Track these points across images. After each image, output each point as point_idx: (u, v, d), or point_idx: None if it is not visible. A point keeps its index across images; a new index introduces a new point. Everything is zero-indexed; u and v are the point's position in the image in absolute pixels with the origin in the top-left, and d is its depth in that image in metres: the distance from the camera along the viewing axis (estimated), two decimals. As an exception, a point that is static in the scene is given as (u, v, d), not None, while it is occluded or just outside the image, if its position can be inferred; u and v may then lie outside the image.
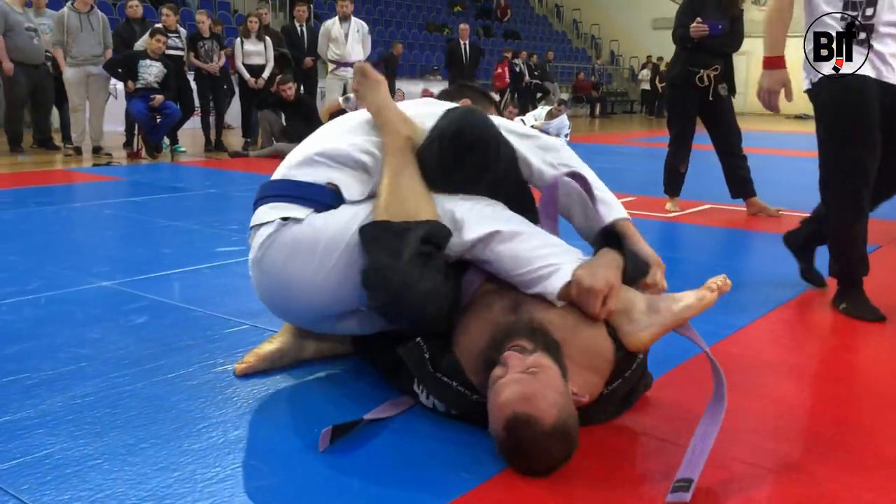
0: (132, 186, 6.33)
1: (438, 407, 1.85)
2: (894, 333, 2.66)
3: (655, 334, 1.80)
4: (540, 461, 1.58)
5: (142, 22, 9.03)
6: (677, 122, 5.08)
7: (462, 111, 1.99)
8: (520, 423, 1.54)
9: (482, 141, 1.92)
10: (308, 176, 1.99)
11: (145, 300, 2.88)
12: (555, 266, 1.82)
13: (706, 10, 4.78)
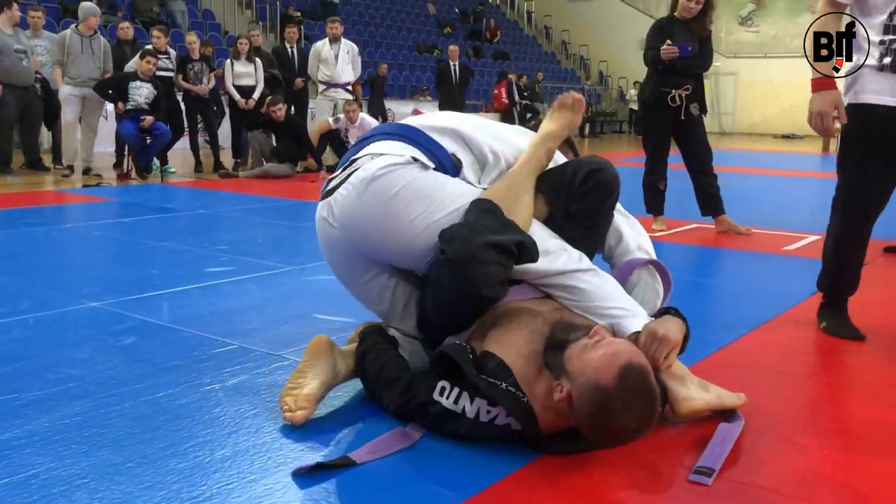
0: (122, 207, 6.34)
1: (468, 411, 1.82)
2: (872, 352, 2.70)
3: (702, 409, 1.96)
4: (649, 410, 1.66)
5: (133, 44, 9.08)
6: (651, 141, 5.19)
7: (599, 159, 2.17)
8: (636, 371, 1.65)
9: (609, 188, 2.12)
10: (441, 140, 2.11)
11: (134, 321, 2.90)
12: (631, 312, 2.01)
13: (675, 32, 4.90)
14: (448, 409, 1.84)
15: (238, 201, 6.55)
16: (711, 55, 5.11)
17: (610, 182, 2.12)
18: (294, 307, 3.13)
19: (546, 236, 2.05)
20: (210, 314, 3.00)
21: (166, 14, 14.45)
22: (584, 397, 1.66)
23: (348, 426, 1.99)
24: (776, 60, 22.41)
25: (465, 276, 1.83)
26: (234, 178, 8.58)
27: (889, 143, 2.62)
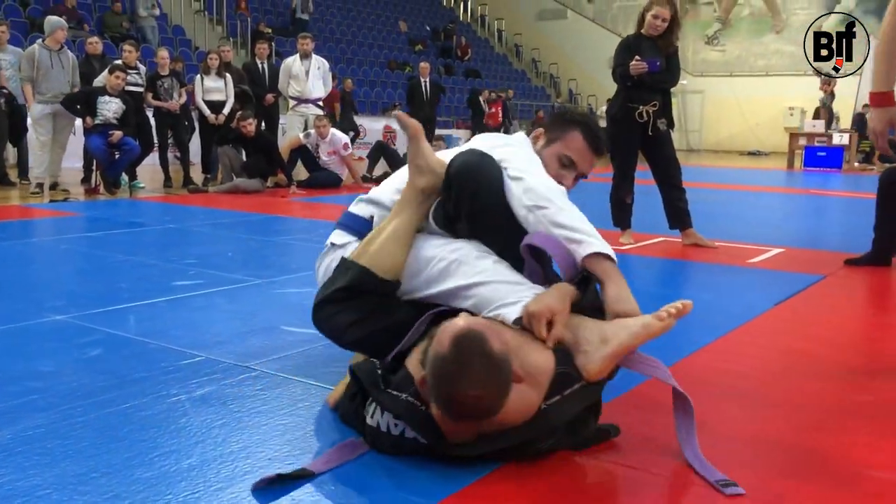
0: (89, 222, 6.29)
1: (381, 425, 1.84)
2: (842, 361, 2.75)
3: (605, 365, 1.82)
4: (486, 375, 1.63)
5: (101, 59, 9.04)
6: (619, 156, 5.25)
7: (460, 159, 2.11)
8: (469, 336, 1.65)
9: (461, 174, 2.08)
10: (357, 209, 2.33)
11: (100, 333, 2.88)
12: (513, 301, 1.96)
13: (642, 48, 4.99)
14: (371, 426, 1.87)
15: (207, 216, 6.52)
16: (678, 70, 5.19)
17: (459, 167, 2.07)
18: (262, 319, 3.12)
19: (439, 255, 2.07)
20: (177, 327, 2.99)
21: (136, 29, 14.39)
22: (429, 373, 1.68)
23: (318, 437, 1.99)
24: (741, 79, 22.81)
25: (326, 332, 2.16)
26: (204, 193, 8.54)
27: None
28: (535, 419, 1.76)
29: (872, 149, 15.83)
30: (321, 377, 2.41)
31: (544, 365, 1.80)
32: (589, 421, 1.88)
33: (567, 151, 2.24)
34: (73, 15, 13.12)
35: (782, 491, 1.72)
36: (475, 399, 1.64)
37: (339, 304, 2.07)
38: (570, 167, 2.25)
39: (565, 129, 2.27)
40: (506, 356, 1.68)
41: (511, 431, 1.75)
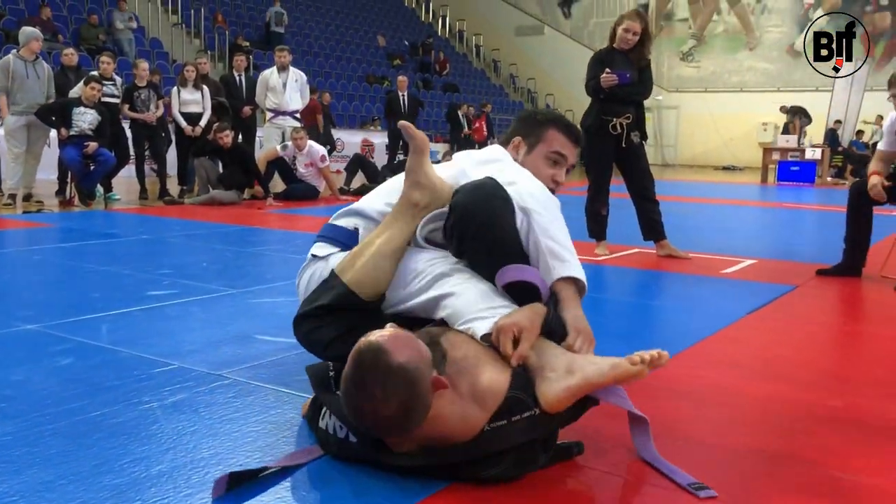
0: (63, 233, 6.23)
1: (329, 428, 1.84)
2: (813, 368, 2.79)
3: (563, 396, 1.73)
4: (371, 393, 1.59)
5: (77, 70, 8.98)
6: (594, 168, 5.30)
7: (469, 191, 2.00)
8: (369, 349, 1.62)
9: (461, 207, 1.98)
10: (340, 222, 2.28)
11: (71, 342, 2.85)
12: (485, 316, 1.88)
13: (614, 62, 5.05)
14: (321, 428, 1.87)
15: (183, 227, 6.48)
16: (651, 83, 5.25)
17: (461, 201, 1.98)
18: (236, 328, 3.10)
19: (421, 268, 2.02)
20: (150, 336, 2.96)
21: (112, 42, 14.32)
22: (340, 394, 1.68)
23: (290, 443, 1.98)
24: (716, 95, 23.09)
25: (308, 349, 2.11)
26: (180, 204, 8.49)
27: None
28: (476, 440, 1.70)
29: (844, 163, 16.09)
30: (294, 385, 2.40)
31: (496, 386, 1.73)
32: (538, 458, 1.76)
33: (556, 147, 2.30)
34: (49, 26, 13.04)
35: (753, 495, 1.73)
36: (373, 412, 1.61)
37: (321, 319, 2.03)
38: (561, 163, 2.31)
39: (542, 129, 2.32)
40: (412, 368, 1.61)
41: (452, 448, 1.70)
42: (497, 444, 1.70)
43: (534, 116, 2.39)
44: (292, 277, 4.18)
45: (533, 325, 1.82)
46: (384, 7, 25.32)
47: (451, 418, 1.68)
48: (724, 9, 23.40)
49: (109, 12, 15.03)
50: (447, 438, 1.70)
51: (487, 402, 1.71)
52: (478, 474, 1.72)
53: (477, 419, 1.70)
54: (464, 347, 1.82)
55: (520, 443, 1.72)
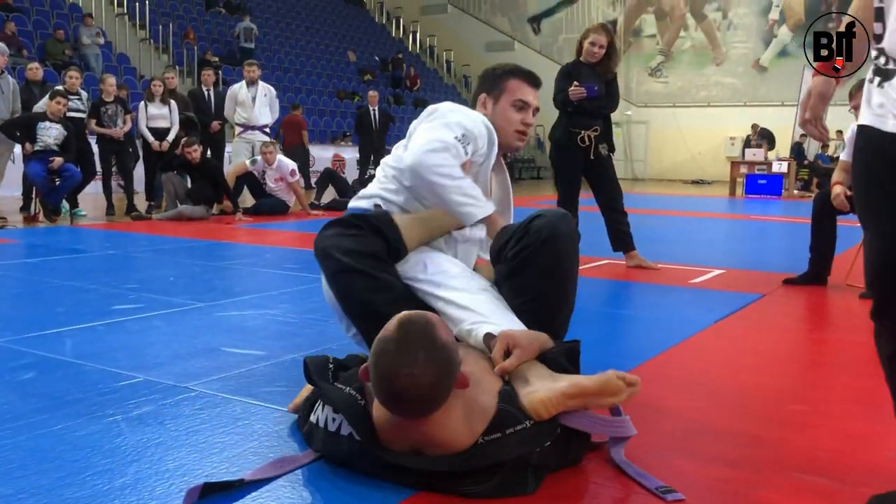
0: (27, 248, 6.13)
1: (320, 420, 1.83)
2: (780, 374, 2.81)
3: (553, 396, 1.76)
4: (415, 359, 1.59)
5: (42, 85, 8.88)
6: (563, 181, 5.33)
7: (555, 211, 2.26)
8: (420, 318, 1.66)
9: (543, 230, 2.15)
10: (362, 203, 2.44)
11: (33, 356, 2.79)
12: (494, 323, 2.02)
13: (582, 75, 5.09)
14: (311, 422, 1.87)
15: (150, 242, 6.40)
16: (618, 96, 5.30)
17: (545, 226, 2.12)
18: (202, 342, 3.06)
19: (440, 259, 2.24)
20: (115, 349, 2.92)
21: (79, 57, 14.18)
22: (372, 352, 1.66)
23: (257, 454, 1.95)
24: (684, 110, 23.35)
25: (319, 253, 2.21)
26: (148, 220, 8.40)
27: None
28: (469, 451, 1.69)
29: (810, 176, 16.34)
30: (261, 396, 2.37)
31: (486, 408, 1.74)
32: (527, 482, 1.73)
33: (518, 95, 2.48)
34: (14, 41, 12.88)
35: (718, 499, 1.74)
36: (409, 379, 1.58)
37: (351, 229, 2.16)
38: (525, 107, 2.50)
39: (502, 81, 2.52)
40: (451, 347, 1.66)
41: (445, 456, 1.69)
42: (491, 457, 1.69)
43: (492, 72, 2.58)
44: (261, 291, 4.16)
45: (530, 345, 1.91)
46: (355, 23, 25.35)
47: (450, 427, 1.69)
48: (692, 25, 23.73)
49: (76, 27, 14.89)
50: (436, 446, 1.69)
51: (475, 422, 1.71)
52: (462, 490, 1.69)
53: (466, 438, 1.69)
54: (471, 364, 1.85)
55: (514, 457, 1.69)
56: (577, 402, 1.79)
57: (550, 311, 2.17)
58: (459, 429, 1.69)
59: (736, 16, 22.89)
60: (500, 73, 2.54)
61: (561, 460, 1.82)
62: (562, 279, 2.16)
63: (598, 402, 1.82)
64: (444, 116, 2.36)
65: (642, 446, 2.01)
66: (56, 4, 15.78)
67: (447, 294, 2.14)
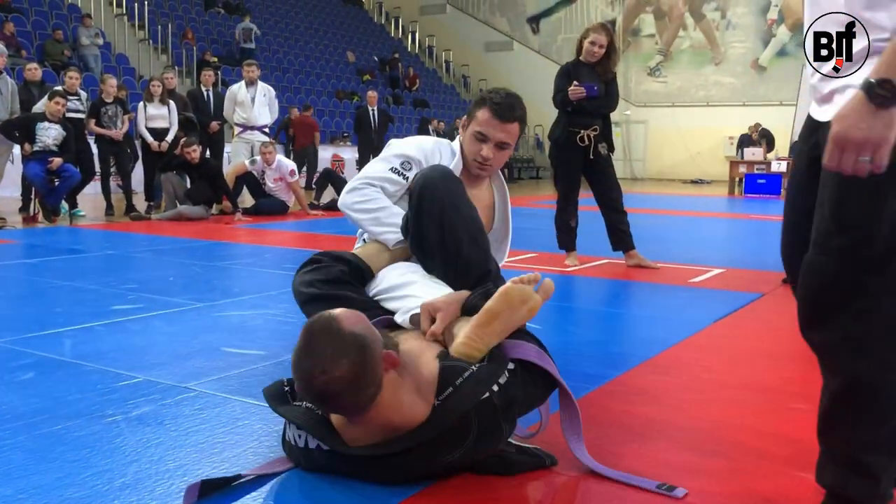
0: (27, 249, 6.13)
1: (291, 439, 1.83)
2: (779, 372, 2.81)
3: (467, 339, 1.81)
4: (322, 358, 1.59)
5: (40, 85, 8.87)
6: (563, 180, 5.32)
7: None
8: (320, 317, 1.66)
9: (418, 187, 2.26)
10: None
11: (33, 357, 2.79)
12: (412, 305, 2.09)
13: (581, 75, 5.09)
14: (287, 441, 1.87)
15: (149, 242, 6.40)
16: (617, 96, 5.30)
17: (420, 182, 2.23)
18: (202, 341, 3.06)
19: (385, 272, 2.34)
20: (115, 349, 2.92)
21: (78, 58, 14.17)
22: (292, 369, 1.68)
23: (257, 454, 1.95)
24: (683, 109, 23.35)
25: (295, 288, 2.34)
26: (147, 220, 8.39)
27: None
28: (430, 418, 1.70)
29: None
30: (261, 396, 2.34)
31: (429, 375, 1.75)
32: (501, 429, 1.74)
33: (477, 127, 2.50)
34: (12, 42, 12.87)
35: (719, 496, 1.74)
36: (324, 376, 1.59)
37: (312, 265, 2.31)
38: (485, 140, 2.49)
39: (475, 109, 2.55)
40: (362, 332, 1.64)
41: (410, 433, 1.69)
42: (454, 410, 1.69)
43: (479, 98, 2.61)
44: (260, 290, 4.17)
45: (449, 307, 1.98)
46: (353, 23, 25.35)
47: (403, 406, 1.69)
48: (690, 24, 23.73)
49: (75, 28, 14.88)
50: (398, 428, 1.69)
51: (426, 391, 1.73)
52: (441, 460, 1.70)
53: (422, 408, 1.71)
54: (410, 342, 1.89)
55: (476, 402, 1.69)
56: (497, 326, 1.82)
57: (466, 244, 2.20)
58: (413, 404, 1.70)
59: (734, 15, 22.89)
60: (479, 101, 2.58)
61: (528, 397, 1.84)
62: (453, 210, 2.20)
63: (517, 316, 1.84)
64: (386, 150, 2.56)
65: (642, 443, 2.01)
66: (55, 5, 15.77)
67: (388, 294, 2.24)
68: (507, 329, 1.84)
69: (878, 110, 1.30)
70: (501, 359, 1.81)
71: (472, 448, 1.71)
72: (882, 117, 1.30)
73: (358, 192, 2.46)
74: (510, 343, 1.87)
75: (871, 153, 1.32)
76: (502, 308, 1.81)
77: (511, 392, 1.76)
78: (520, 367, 1.82)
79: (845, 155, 1.35)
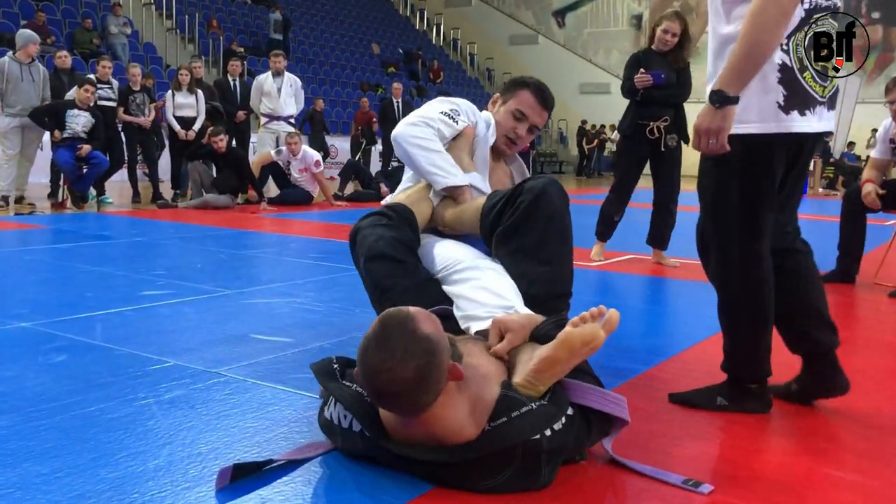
0: (56, 234, 6.20)
1: (333, 417, 1.83)
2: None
3: (526, 382, 1.76)
4: (392, 354, 1.58)
5: (70, 73, 8.96)
6: (620, 171, 5.22)
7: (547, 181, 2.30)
8: (399, 312, 1.64)
9: (539, 192, 2.25)
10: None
11: (65, 340, 2.83)
12: (481, 317, 2.06)
13: (651, 63, 4.94)
14: (325, 418, 1.87)
15: (176, 230, 6.46)
16: (690, 85, 5.09)
17: (541, 187, 2.19)
18: (231, 328, 3.09)
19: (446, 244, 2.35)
20: (145, 334, 2.95)
21: (106, 46, 14.30)
22: (357, 354, 1.67)
23: (287, 439, 1.97)
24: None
25: (355, 242, 2.35)
26: (173, 208, 8.46)
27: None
28: (479, 438, 1.66)
29: (836, 175, 16.17)
30: (290, 382, 2.39)
31: (488, 400, 1.71)
32: (541, 471, 1.69)
33: (518, 106, 2.63)
34: (43, 30, 13.00)
35: (744, 489, 1.74)
36: (389, 374, 1.58)
37: (383, 218, 2.31)
38: (522, 119, 2.64)
39: (516, 89, 2.67)
40: (434, 338, 1.62)
41: (457, 447, 1.66)
42: (500, 442, 1.65)
43: (517, 79, 2.75)
44: (287, 279, 4.19)
45: (521, 329, 1.91)
46: (379, 15, 25.38)
47: (452, 421, 1.66)
48: (717, 20, 23.52)
49: (104, 17, 15.01)
50: (441, 440, 1.67)
51: (480, 414, 1.68)
52: (477, 484, 1.67)
53: (470, 429, 1.67)
54: (477, 357, 1.84)
55: (523, 439, 1.65)
56: (558, 369, 1.76)
57: (557, 260, 2.19)
58: (464, 422, 1.67)
59: (763, 11, 22.64)
60: (519, 82, 2.70)
61: (577, 444, 1.78)
62: (561, 226, 2.21)
63: (578, 357, 1.77)
64: (434, 101, 2.65)
65: (671, 438, 2.01)
66: (84, -7, 15.93)
67: (455, 289, 2.20)
68: (567, 370, 1.78)
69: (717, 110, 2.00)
70: (562, 402, 1.75)
71: (505, 482, 1.67)
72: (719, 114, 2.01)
73: (418, 127, 2.48)
74: (574, 385, 1.80)
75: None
76: (563, 355, 1.75)
77: (562, 439, 1.70)
78: (578, 412, 1.76)
79: (702, 140, 2.05)
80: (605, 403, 1.79)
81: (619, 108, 5.41)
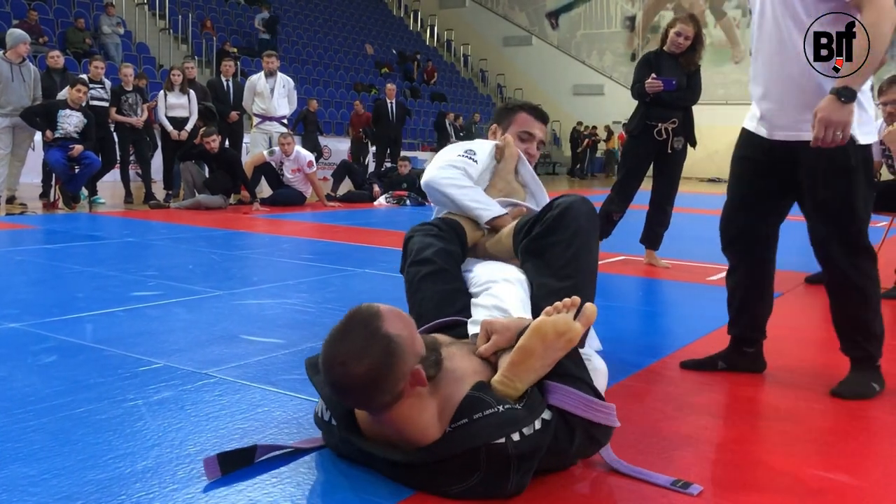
0: (47, 234, 6.18)
1: (318, 411, 1.86)
2: (799, 372, 2.80)
3: (503, 378, 1.72)
4: (349, 348, 1.59)
5: (63, 73, 8.92)
6: (624, 171, 5.19)
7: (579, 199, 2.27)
8: (369, 309, 1.64)
9: (568, 207, 2.21)
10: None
11: (54, 341, 2.82)
12: (484, 309, 2.04)
13: (663, 66, 4.91)
14: (315, 412, 1.90)
15: (168, 230, 6.44)
16: (699, 88, 5.07)
17: (566, 201, 2.17)
18: (222, 329, 3.08)
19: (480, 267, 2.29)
20: (135, 335, 2.94)
21: (99, 46, 14.25)
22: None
23: (276, 440, 1.96)
24: (702, 107, 22.99)
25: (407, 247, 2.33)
26: (165, 208, 8.44)
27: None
28: (440, 440, 1.64)
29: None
30: (281, 384, 2.38)
31: (460, 397, 1.68)
32: (509, 477, 1.62)
33: (521, 128, 2.71)
34: (35, 30, 12.96)
35: (731, 489, 1.74)
36: (342, 368, 1.59)
37: (434, 228, 2.35)
38: (530, 139, 2.71)
39: (512, 114, 2.74)
40: (396, 343, 1.60)
41: (419, 450, 1.65)
42: (459, 444, 1.61)
43: (506, 106, 2.82)
44: (278, 280, 4.19)
45: (506, 331, 1.85)
46: (373, 16, 25.37)
47: (418, 421, 1.65)
48: (710, 22, 23.58)
49: (97, 16, 14.97)
50: (408, 441, 1.66)
51: (446, 416, 1.66)
52: (449, 488, 1.64)
53: (434, 431, 1.65)
54: (457, 361, 1.81)
55: (485, 442, 1.59)
56: (534, 363, 1.72)
57: (578, 275, 2.11)
58: (428, 425, 1.65)
59: (756, 13, 22.74)
60: (511, 107, 2.77)
61: (558, 452, 1.72)
62: (586, 241, 2.14)
63: (555, 349, 1.72)
64: (446, 148, 2.67)
65: (660, 439, 2.01)
66: (77, -7, 15.88)
67: (473, 300, 2.16)
68: (547, 364, 1.73)
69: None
70: (536, 405, 1.69)
71: (476, 487, 1.62)
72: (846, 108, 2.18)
73: (446, 170, 2.51)
74: (555, 388, 1.74)
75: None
76: (536, 345, 1.71)
77: (532, 444, 1.63)
78: (558, 417, 1.70)
79: (827, 131, 2.19)
80: (587, 409, 1.72)
81: (612, 109, 5.45)
